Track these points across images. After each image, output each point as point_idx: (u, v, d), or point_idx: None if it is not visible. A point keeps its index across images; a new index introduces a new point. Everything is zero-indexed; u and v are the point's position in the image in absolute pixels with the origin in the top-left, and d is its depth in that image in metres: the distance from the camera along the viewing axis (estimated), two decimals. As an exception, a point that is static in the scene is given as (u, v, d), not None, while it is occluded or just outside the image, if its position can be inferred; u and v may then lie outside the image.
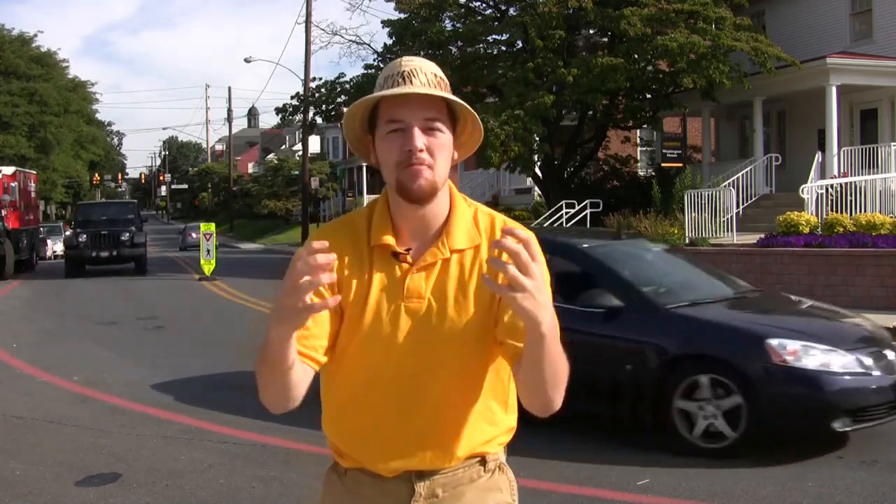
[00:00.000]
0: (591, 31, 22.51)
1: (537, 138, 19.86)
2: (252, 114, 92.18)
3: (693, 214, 16.50)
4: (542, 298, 1.41)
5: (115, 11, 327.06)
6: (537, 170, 22.93)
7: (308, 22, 35.43)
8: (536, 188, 25.80)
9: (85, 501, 5.05)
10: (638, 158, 29.30)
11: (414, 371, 1.69)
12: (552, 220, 20.29)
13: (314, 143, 51.91)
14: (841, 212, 14.46)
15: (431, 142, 1.65)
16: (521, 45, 21.93)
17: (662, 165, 26.30)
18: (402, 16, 24.41)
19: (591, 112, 21.88)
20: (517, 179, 31.03)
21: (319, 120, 30.05)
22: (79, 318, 14.33)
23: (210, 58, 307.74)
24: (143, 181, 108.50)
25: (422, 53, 22.07)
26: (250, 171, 71.65)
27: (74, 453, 6.08)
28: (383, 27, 24.54)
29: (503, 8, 23.28)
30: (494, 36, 22.92)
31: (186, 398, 7.81)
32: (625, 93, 21.19)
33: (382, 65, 24.31)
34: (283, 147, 67.84)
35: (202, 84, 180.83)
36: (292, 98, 27.62)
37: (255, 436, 6.27)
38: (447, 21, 23.81)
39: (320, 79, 44.62)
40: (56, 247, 33.93)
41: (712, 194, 16.68)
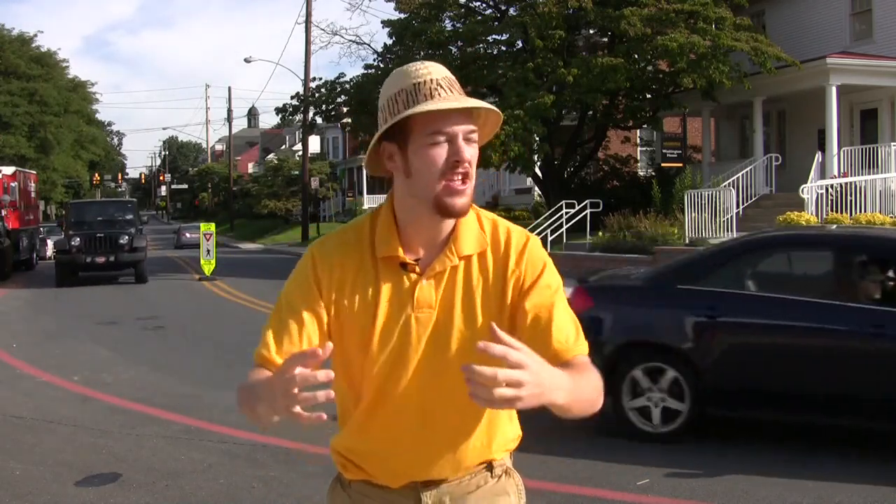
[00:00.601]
0: (591, 31, 22.55)
1: (537, 138, 19.88)
2: (252, 114, 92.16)
3: (693, 214, 16.50)
4: (545, 380, 1.37)
5: (115, 11, 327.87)
6: (537, 170, 22.95)
7: (308, 22, 35.49)
8: (536, 188, 25.84)
9: (85, 501, 5.05)
10: (638, 158, 29.32)
11: (423, 382, 1.68)
12: (552, 221, 20.30)
13: (314, 143, 51.92)
14: (841, 212, 14.47)
15: (472, 154, 1.64)
16: (521, 45, 21.95)
17: (662, 165, 26.32)
18: (402, 16, 24.44)
19: (591, 112, 21.89)
20: (517, 179, 31.08)
21: (319, 120, 30.07)
22: (79, 318, 14.31)
23: (210, 58, 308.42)
24: (143, 181, 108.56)
25: (422, 53, 22.10)
26: (250, 171, 71.62)
27: (74, 453, 6.07)
28: (383, 27, 24.61)
29: (503, 8, 23.30)
30: (494, 36, 22.96)
31: (186, 398, 7.80)
32: (625, 93, 21.21)
33: (382, 65, 24.31)
34: (283, 147, 67.80)
35: (202, 84, 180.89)
36: (292, 98, 27.67)
37: (255, 436, 6.25)
38: (447, 21, 23.84)
39: (320, 79, 44.61)
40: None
41: (712, 194, 16.68)
